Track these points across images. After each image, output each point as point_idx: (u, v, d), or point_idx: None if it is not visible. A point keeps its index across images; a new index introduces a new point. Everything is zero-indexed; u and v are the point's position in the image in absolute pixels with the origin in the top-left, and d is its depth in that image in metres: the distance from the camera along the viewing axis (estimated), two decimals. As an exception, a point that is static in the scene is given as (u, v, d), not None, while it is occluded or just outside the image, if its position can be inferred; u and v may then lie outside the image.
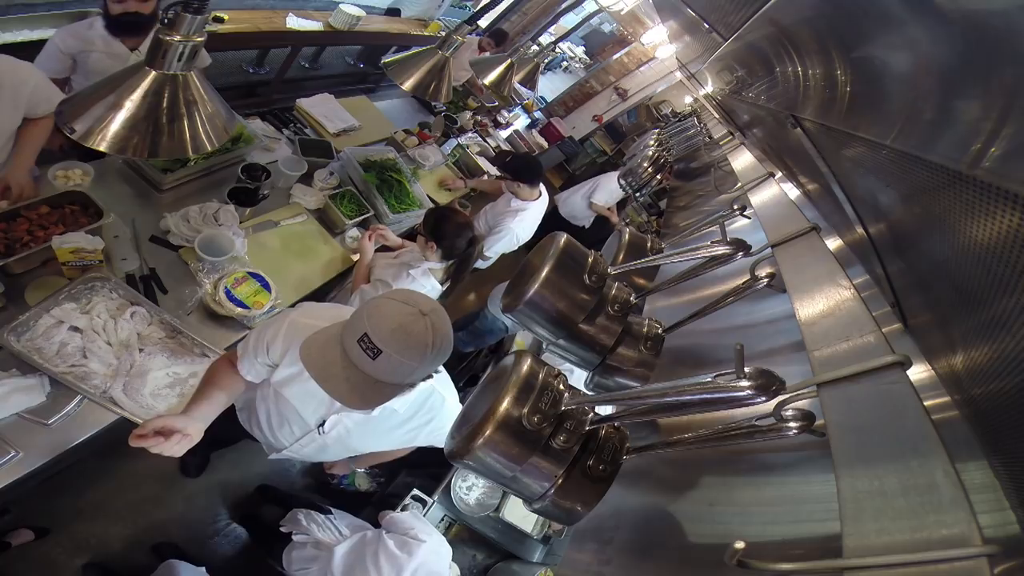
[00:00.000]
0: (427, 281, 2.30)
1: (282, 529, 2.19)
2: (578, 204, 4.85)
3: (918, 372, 0.73)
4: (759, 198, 1.57)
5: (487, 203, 3.51)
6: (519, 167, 3.22)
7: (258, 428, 1.67)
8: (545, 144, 6.28)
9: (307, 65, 4.63)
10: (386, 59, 2.44)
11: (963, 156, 0.49)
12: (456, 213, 2.36)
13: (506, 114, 5.45)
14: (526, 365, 0.74)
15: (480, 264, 3.32)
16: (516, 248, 3.42)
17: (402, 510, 2.26)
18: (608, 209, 4.82)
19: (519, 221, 3.21)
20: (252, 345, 1.47)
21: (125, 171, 2.22)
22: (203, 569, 2.03)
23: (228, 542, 2.57)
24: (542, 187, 3.32)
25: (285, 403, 1.51)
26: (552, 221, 5.10)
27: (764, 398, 0.53)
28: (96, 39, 2.13)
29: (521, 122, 6.21)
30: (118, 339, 1.66)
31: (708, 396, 0.56)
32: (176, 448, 1.19)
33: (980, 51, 0.44)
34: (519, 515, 2.47)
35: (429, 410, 1.53)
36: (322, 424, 1.52)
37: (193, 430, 1.23)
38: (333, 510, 2.24)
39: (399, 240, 2.64)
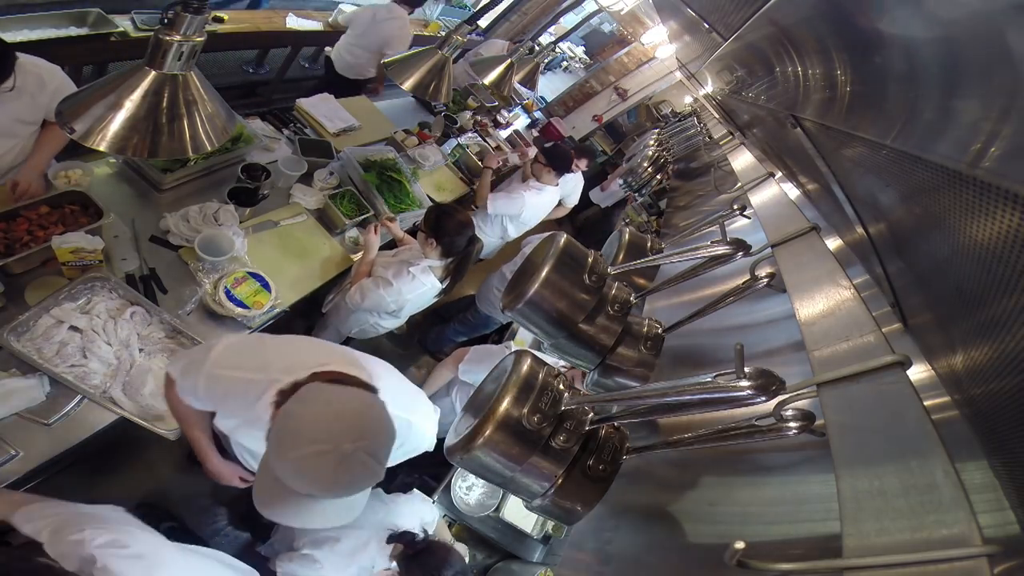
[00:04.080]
0: (427, 279, 2.29)
1: (282, 529, 2.18)
2: None
3: (918, 372, 0.73)
4: (759, 198, 1.57)
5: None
6: (555, 153, 3.42)
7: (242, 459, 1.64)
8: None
9: (307, 65, 4.63)
10: (386, 59, 2.43)
11: (963, 156, 0.49)
12: (456, 211, 2.36)
13: (506, 114, 5.44)
14: (526, 365, 0.74)
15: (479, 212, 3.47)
16: (514, 235, 3.55)
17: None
18: None
19: (535, 194, 3.38)
20: (179, 384, 1.34)
21: (125, 171, 2.21)
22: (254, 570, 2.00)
23: (228, 542, 2.56)
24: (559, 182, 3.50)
25: (242, 447, 1.52)
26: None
27: (764, 398, 0.53)
28: None
29: (521, 122, 6.19)
30: (118, 339, 1.66)
31: (708, 396, 0.57)
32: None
33: (980, 51, 0.44)
34: (519, 515, 2.47)
35: (397, 437, 1.52)
36: None
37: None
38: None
39: (402, 233, 2.67)
